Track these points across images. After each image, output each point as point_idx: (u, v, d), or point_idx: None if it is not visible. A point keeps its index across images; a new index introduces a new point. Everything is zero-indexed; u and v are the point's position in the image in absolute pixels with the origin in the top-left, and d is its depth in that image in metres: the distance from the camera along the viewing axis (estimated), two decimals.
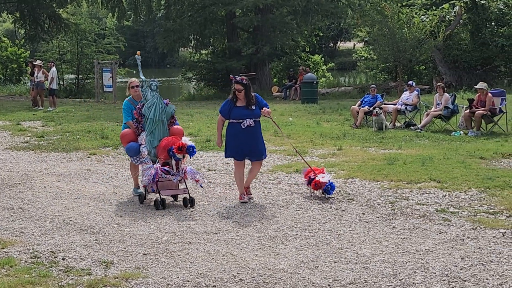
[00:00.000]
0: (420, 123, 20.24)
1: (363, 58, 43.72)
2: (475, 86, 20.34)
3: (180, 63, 45.50)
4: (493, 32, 35.98)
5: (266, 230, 9.57)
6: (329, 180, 11.48)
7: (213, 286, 7.28)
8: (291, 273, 7.71)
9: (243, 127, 11.25)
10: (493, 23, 36.40)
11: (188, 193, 11.11)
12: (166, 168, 10.97)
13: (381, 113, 20.12)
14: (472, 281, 7.31)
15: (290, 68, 38.61)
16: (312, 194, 11.71)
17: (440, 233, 9.20)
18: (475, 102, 19.14)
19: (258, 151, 11.42)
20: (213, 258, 8.28)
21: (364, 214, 10.37)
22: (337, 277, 7.54)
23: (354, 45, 75.07)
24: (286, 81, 36.35)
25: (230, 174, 13.56)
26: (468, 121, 19.08)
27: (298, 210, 10.66)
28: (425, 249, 8.50)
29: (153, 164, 11.08)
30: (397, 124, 21.13)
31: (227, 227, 9.74)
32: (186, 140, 10.98)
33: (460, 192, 11.53)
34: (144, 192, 11.41)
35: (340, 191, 11.88)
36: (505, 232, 9.14)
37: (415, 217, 10.09)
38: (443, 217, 10.02)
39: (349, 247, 8.66)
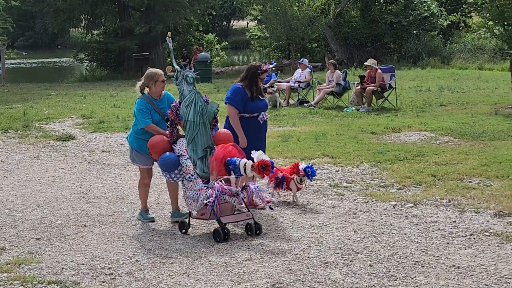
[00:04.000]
0: (313, 100, 20.52)
1: (257, 36, 43.88)
2: (365, 63, 20.77)
3: (71, 44, 44.62)
4: (382, 9, 36.74)
5: (162, 210, 9.54)
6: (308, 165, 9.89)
7: (108, 268, 7.21)
8: (188, 252, 7.72)
9: (261, 122, 9.53)
10: (381, 1, 37.18)
11: (252, 217, 8.46)
12: (227, 186, 8.24)
13: (275, 91, 20.29)
14: (365, 253, 7.50)
15: (183, 47, 38.41)
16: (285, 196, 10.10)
17: (333, 208, 9.38)
18: (366, 79, 19.53)
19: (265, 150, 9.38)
20: (108, 240, 8.21)
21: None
22: (234, 254, 7.60)
23: (247, 23, 75.26)
24: (180, 60, 36.17)
25: (124, 155, 13.42)
26: (359, 97, 19.48)
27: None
28: (319, 224, 8.65)
29: (201, 181, 8.37)
30: (291, 101, 21.34)
31: (122, 209, 9.65)
32: (262, 155, 8.43)
33: (353, 167, 11.78)
34: (188, 221, 8.52)
35: None
36: (395, 205, 9.40)
37: (309, 193, 10.25)
38: (336, 192, 10.22)
39: (244, 223, 8.71)
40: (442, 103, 19.68)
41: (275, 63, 10.62)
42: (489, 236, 7.98)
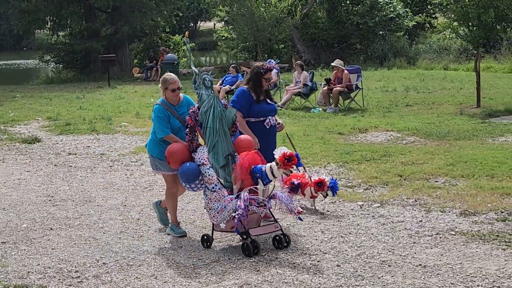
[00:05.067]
0: (280, 101, 20.55)
1: (224, 38, 43.86)
2: (331, 64, 20.86)
3: (37, 45, 44.20)
4: (348, 10, 36.89)
5: (129, 212, 9.50)
6: (331, 178, 9.34)
7: (75, 271, 7.17)
8: (155, 254, 7.70)
9: (267, 126, 8.82)
10: (348, 2, 37.31)
11: (281, 228, 7.95)
12: (254, 196, 7.72)
13: None
14: (332, 253, 7.53)
15: (150, 49, 38.26)
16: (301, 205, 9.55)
17: (301, 208, 9.39)
18: (333, 79, 19.61)
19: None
20: (75, 243, 8.16)
21: None
22: (201, 256, 7.60)
23: (214, 25, 75.19)
24: (147, 62, 36.00)
25: (91, 158, 13.34)
26: (326, 98, 19.56)
27: (162, 191, 10.62)
28: (287, 225, 8.67)
29: (226, 191, 7.84)
30: None
31: (89, 211, 9.60)
32: (283, 149, 7.84)
33: (320, 167, 11.82)
34: (211, 234, 8.02)
35: None
36: (362, 205, 9.46)
37: None
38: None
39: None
40: (408, 103, 19.82)
41: (278, 60, 10.20)
42: (454, 235, 8.06)
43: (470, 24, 19.26)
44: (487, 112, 17.48)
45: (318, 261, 7.30)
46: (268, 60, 8.91)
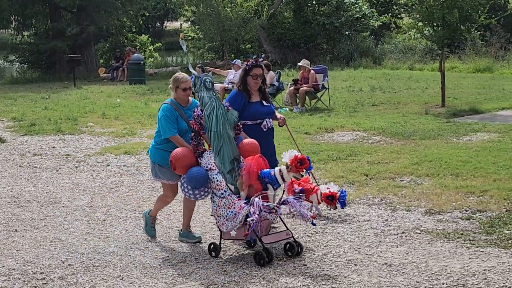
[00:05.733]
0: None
1: (190, 37, 43.77)
2: (298, 64, 20.91)
3: (1, 45, 43.77)
4: (314, 10, 37.01)
5: (95, 213, 9.44)
6: (341, 190, 8.53)
7: (40, 273, 7.12)
8: (121, 255, 7.67)
9: (264, 129, 8.42)
10: (314, 2, 37.43)
11: (292, 235, 7.68)
12: (266, 202, 7.37)
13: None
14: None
15: (116, 49, 38.07)
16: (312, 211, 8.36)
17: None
18: (299, 79, 19.67)
19: (273, 161, 8.41)
20: (40, 245, 8.09)
21: None
22: (168, 256, 7.59)
23: (181, 24, 74.95)
24: (113, 62, 35.81)
25: (57, 158, 13.24)
26: (293, 97, 19.62)
27: (128, 192, 10.59)
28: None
29: (235, 197, 7.44)
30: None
31: (54, 213, 9.52)
32: (293, 152, 7.57)
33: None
34: (219, 242, 7.67)
35: None
36: None
37: None
38: None
39: (179, 226, 8.66)
40: (374, 103, 19.95)
41: (263, 55, 9.47)
42: (420, 233, 8.13)
43: (434, 24, 19.41)
44: (452, 112, 17.65)
45: (284, 261, 7.32)
46: (234, 60, 8.79)
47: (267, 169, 7.59)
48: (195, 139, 7.61)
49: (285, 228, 7.66)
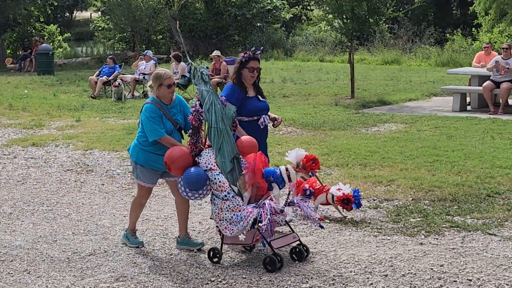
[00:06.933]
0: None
1: (100, 28, 43.15)
2: (210, 55, 20.90)
3: None
4: (226, 2, 37.04)
5: (1, 207, 9.22)
6: (354, 190, 8.36)
7: None
8: (28, 249, 7.52)
9: (261, 126, 7.90)
10: None
11: (299, 238, 7.23)
12: (274, 204, 6.93)
13: (120, 84, 20.07)
14: (209, 243, 7.56)
15: (24, 38, 37.25)
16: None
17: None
18: (211, 70, 19.66)
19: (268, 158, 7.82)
20: None
21: (103, 184, 10.33)
22: (77, 249, 7.47)
23: (91, 14, 73.83)
24: (21, 51, 35.04)
25: None
26: None
27: (35, 185, 10.38)
28: (164, 216, 8.65)
29: (241, 200, 6.92)
30: (136, 93, 21.17)
31: None
32: (300, 151, 7.21)
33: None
34: (220, 247, 7.13)
35: (79, 163, 11.71)
36: None
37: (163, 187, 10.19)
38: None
39: (88, 218, 8.60)
40: (285, 94, 20.12)
41: (261, 48, 8.76)
42: (329, 223, 8.24)
43: (344, 16, 19.71)
44: (361, 103, 17.96)
45: (195, 252, 7.32)
46: (145, 51, 8.61)
47: (272, 168, 7.20)
48: (194, 136, 7.07)
49: (291, 231, 7.25)
